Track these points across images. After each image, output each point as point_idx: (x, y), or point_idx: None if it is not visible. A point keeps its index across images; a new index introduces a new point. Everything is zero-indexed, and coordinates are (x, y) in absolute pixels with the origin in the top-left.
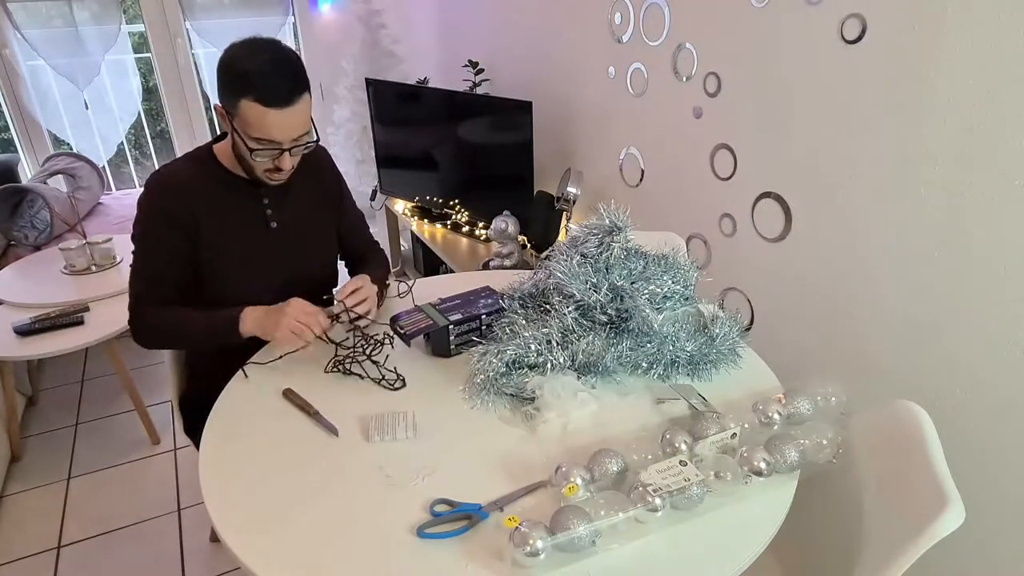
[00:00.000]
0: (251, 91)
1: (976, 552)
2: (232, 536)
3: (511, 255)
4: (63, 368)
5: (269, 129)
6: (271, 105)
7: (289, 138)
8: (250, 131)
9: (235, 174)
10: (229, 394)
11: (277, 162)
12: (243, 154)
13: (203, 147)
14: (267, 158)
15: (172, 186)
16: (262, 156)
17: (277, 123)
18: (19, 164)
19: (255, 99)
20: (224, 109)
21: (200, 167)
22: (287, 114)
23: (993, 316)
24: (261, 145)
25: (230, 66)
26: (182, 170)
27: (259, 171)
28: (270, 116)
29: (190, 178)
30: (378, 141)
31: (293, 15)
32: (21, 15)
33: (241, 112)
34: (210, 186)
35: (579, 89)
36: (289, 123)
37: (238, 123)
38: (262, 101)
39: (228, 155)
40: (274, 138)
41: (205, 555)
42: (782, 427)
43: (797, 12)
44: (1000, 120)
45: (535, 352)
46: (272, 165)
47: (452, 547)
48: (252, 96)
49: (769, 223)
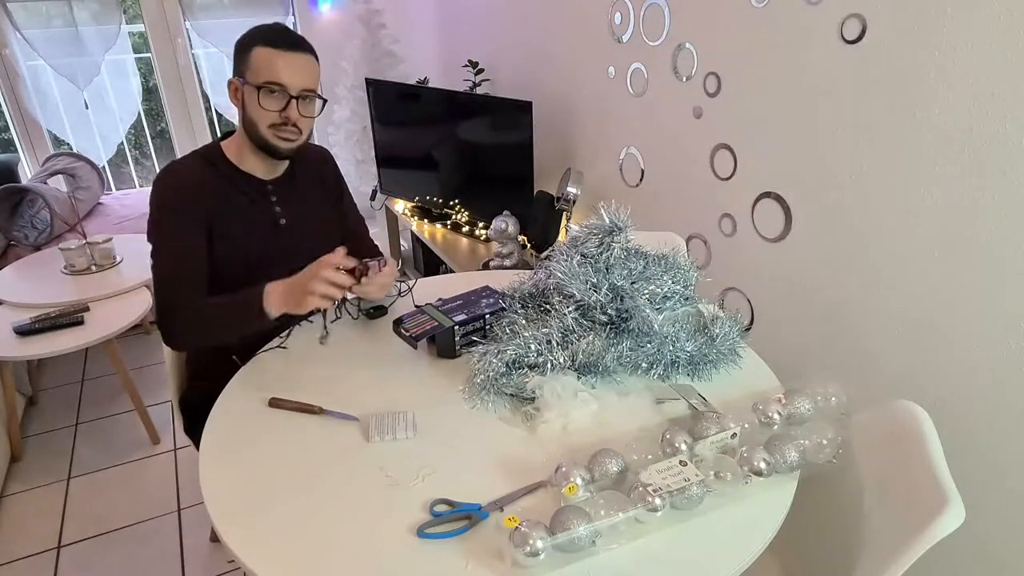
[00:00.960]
0: (261, 38)
1: (976, 552)
2: (232, 536)
3: (511, 255)
4: (63, 368)
5: (277, 71)
6: (279, 47)
7: (297, 85)
8: (259, 76)
9: (244, 171)
10: (229, 394)
11: (285, 113)
12: (251, 114)
13: (210, 144)
14: (276, 105)
15: (185, 182)
16: (270, 102)
17: (285, 65)
18: (19, 164)
19: (264, 43)
20: (236, 76)
21: (210, 164)
22: (295, 58)
23: (993, 316)
24: (270, 89)
25: (244, 34)
26: (193, 166)
27: (265, 128)
28: (279, 57)
29: (201, 174)
30: (378, 141)
31: (293, 15)
32: (21, 15)
33: (252, 61)
34: (221, 183)
35: (579, 89)
36: (296, 67)
37: (250, 75)
38: (271, 44)
39: (236, 149)
40: (281, 80)
41: (205, 555)
42: (782, 427)
43: (797, 12)
44: (1000, 120)
45: (535, 352)
46: (279, 117)
47: (452, 547)
48: (261, 42)
49: (769, 223)
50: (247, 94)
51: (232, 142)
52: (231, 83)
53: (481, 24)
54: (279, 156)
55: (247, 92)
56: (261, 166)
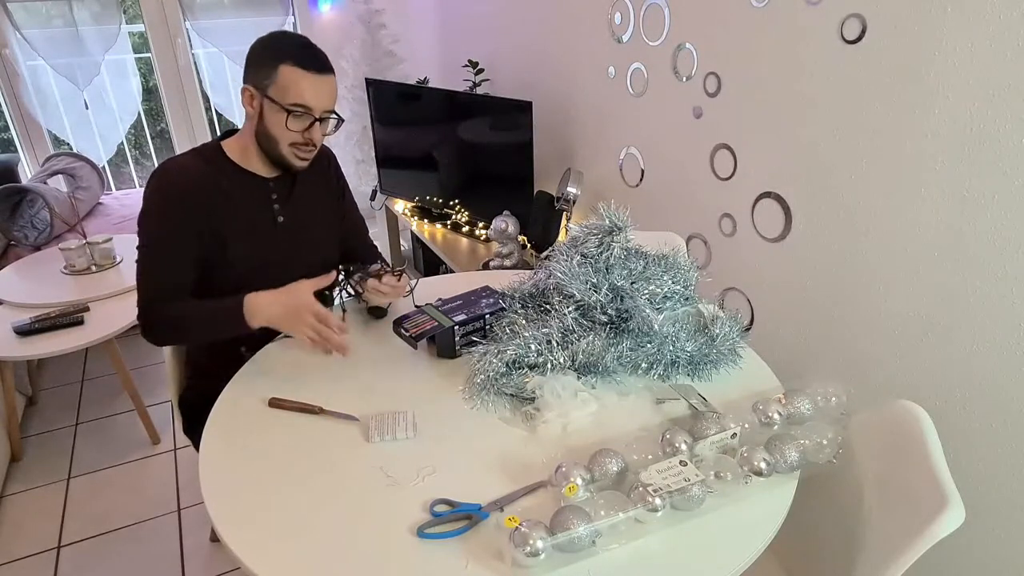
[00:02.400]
0: (290, 57)
1: (976, 552)
2: (232, 536)
3: (511, 255)
4: (63, 368)
5: (304, 93)
6: (309, 69)
7: (321, 107)
8: (286, 97)
9: (245, 169)
10: (229, 394)
11: (307, 133)
12: (271, 131)
13: (210, 144)
14: (300, 127)
15: (182, 178)
16: (295, 123)
17: (313, 88)
18: (19, 164)
19: (294, 63)
20: (255, 86)
21: (208, 161)
22: (322, 81)
23: (993, 316)
24: (296, 111)
25: (267, 44)
26: (190, 163)
27: (285, 147)
28: (307, 80)
29: (199, 171)
30: (378, 141)
31: (293, 15)
32: (21, 15)
33: (279, 78)
34: (219, 179)
35: (579, 89)
36: (323, 90)
37: (273, 91)
38: (301, 65)
39: (239, 150)
40: (308, 103)
41: (205, 555)
42: (782, 427)
43: (797, 12)
44: (1000, 120)
45: (535, 352)
46: (302, 137)
47: (452, 547)
48: (291, 61)
49: (769, 223)
50: (269, 110)
51: (236, 143)
52: (246, 90)
53: (481, 24)
54: (291, 171)
55: (269, 108)
56: (264, 167)
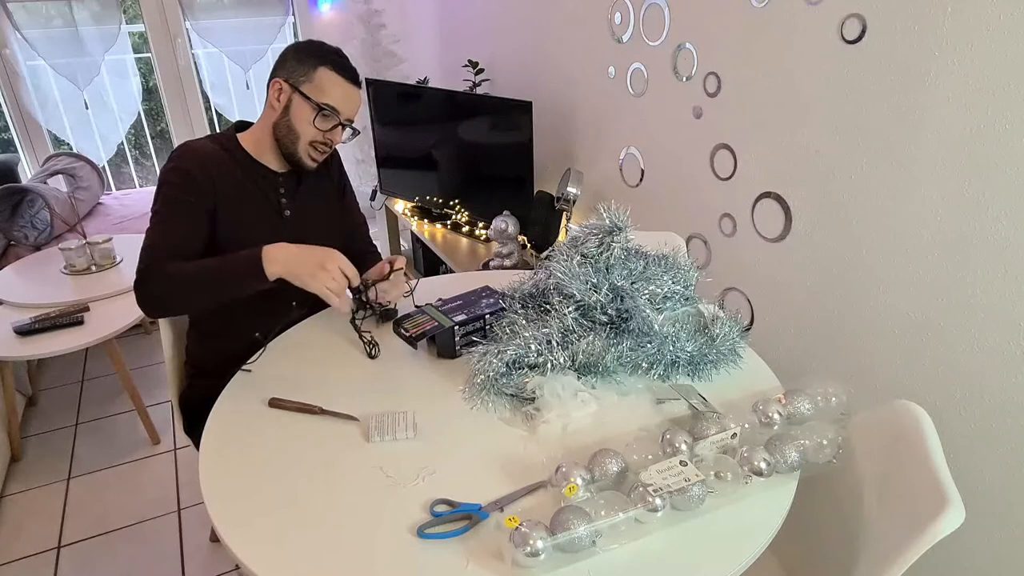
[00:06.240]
0: (331, 63)
1: (976, 552)
2: (232, 536)
3: (511, 255)
4: (63, 368)
5: (338, 97)
6: (345, 77)
7: (347, 113)
8: (321, 96)
9: (258, 161)
10: (229, 394)
11: (329, 134)
12: (296, 125)
13: (226, 132)
14: (325, 126)
15: (200, 157)
16: (322, 123)
17: (345, 94)
18: (19, 164)
19: (334, 68)
20: (287, 80)
21: (224, 149)
22: (353, 91)
23: (993, 316)
24: (326, 111)
25: (309, 45)
26: (209, 146)
27: (304, 143)
28: (342, 87)
29: (217, 155)
30: (378, 141)
31: (293, 15)
32: (21, 15)
33: (317, 77)
34: (232, 167)
35: (579, 89)
36: (352, 99)
37: (308, 88)
38: (340, 72)
39: (253, 142)
40: (338, 107)
41: (205, 555)
42: (782, 427)
43: (797, 12)
44: (1000, 120)
45: (535, 352)
46: (323, 137)
47: (452, 547)
48: (331, 66)
49: (769, 223)
50: (298, 105)
51: (251, 136)
52: (276, 83)
53: (481, 24)
54: (302, 170)
55: (299, 103)
56: (275, 161)
